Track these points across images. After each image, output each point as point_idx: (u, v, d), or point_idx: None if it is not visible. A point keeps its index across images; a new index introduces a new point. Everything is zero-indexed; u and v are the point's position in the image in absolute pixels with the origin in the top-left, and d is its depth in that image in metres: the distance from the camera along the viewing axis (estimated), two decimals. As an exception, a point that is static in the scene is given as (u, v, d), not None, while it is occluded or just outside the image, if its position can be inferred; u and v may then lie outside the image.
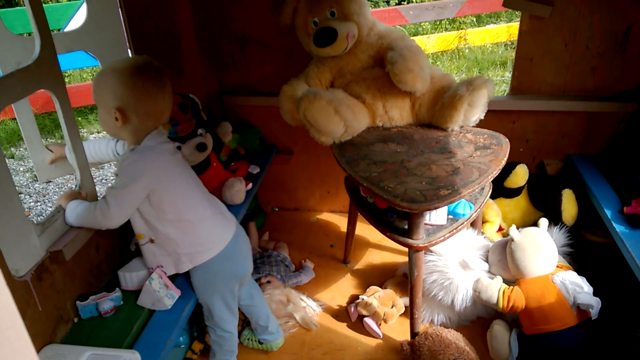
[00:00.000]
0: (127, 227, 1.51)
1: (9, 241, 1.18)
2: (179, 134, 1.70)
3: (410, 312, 1.76)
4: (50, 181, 3.44)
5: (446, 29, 5.99)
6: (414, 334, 1.75)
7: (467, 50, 5.45)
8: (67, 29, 3.85)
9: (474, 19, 6.13)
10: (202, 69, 2.35)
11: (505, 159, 1.73)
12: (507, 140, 1.83)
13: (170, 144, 1.43)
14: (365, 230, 2.41)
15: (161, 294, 1.44)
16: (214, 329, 1.58)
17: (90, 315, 1.43)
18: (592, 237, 2.14)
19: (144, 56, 1.36)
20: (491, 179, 1.65)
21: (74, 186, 1.50)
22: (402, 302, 1.92)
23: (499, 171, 1.67)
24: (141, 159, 1.32)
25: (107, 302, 1.43)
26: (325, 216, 2.67)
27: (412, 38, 2.03)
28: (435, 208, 1.52)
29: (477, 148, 1.79)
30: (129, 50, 1.85)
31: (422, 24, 5.94)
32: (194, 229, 1.41)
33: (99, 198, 1.48)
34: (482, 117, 1.92)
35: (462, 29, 5.81)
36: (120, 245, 1.65)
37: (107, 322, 1.42)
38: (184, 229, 1.40)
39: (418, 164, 1.71)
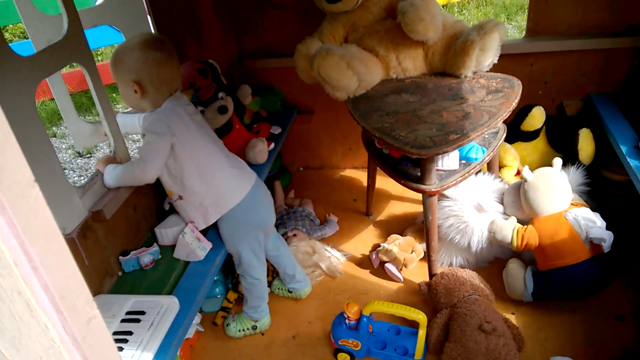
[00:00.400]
0: (160, 188, 1.65)
1: (55, 204, 1.33)
2: (201, 99, 1.81)
3: (427, 255, 1.85)
4: (90, 155, 3.66)
5: (471, -26, 5.78)
6: (431, 275, 1.85)
7: (493, -5, 5.27)
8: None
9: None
10: (221, 35, 2.43)
11: (517, 100, 1.75)
12: (519, 82, 1.85)
13: (190, 107, 1.58)
14: (386, 183, 2.48)
15: (194, 246, 1.58)
16: (244, 276, 1.72)
17: (133, 268, 1.59)
18: (610, 175, 2.15)
19: (149, 32, 1.56)
20: (501, 121, 1.68)
21: (109, 152, 1.64)
22: (422, 247, 2.01)
23: (509, 113, 1.70)
24: (160, 116, 1.49)
25: (147, 256, 1.58)
26: (348, 172, 2.75)
27: None
28: (444, 152, 1.58)
29: (489, 92, 1.82)
30: (150, 21, 1.94)
31: (445, -29, 5.74)
32: (214, 180, 1.57)
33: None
34: (496, 61, 1.93)
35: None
36: (155, 206, 1.80)
37: (147, 274, 1.57)
38: (205, 181, 1.56)
39: (430, 111, 1.76)
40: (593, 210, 1.79)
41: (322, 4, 1.99)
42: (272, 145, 2.12)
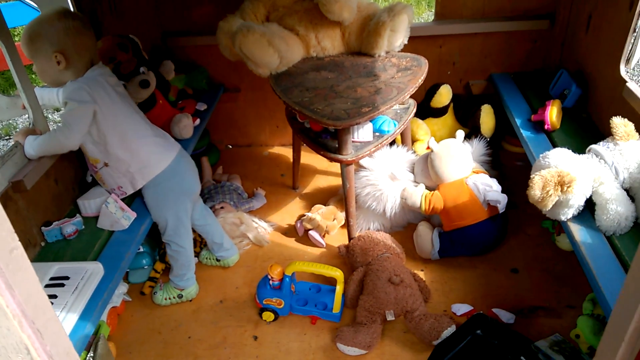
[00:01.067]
0: (82, 161, 1.67)
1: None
2: (122, 72, 1.83)
3: (346, 220, 2.00)
4: (9, 137, 3.51)
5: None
6: (350, 238, 1.99)
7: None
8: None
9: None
10: (144, 12, 2.42)
11: (423, 77, 1.92)
12: (426, 61, 2.02)
13: (113, 78, 1.62)
14: (312, 159, 2.61)
15: (118, 216, 1.62)
16: (169, 244, 1.78)
17: (56, 239, 1.60)
18: (510, 147, 2.40)
19: (60, 6, 1.54)
20: (408, 96, 1.84)
21: (28, 124, 1.64)
22: (342, 215, 2.15)
23: (416, 89, 1.87)
24: (82, 84, 1.52)
25: (70, 226, 1.61)
26: (276, 150, 2.85)
27: None
28: (357, 124, 1.72)
29: (399, 70, 1.97)
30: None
31: (371, -41, 5.93)
32: (138, 148, 1.62)
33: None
34: (406, 42, 2.09)
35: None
36: (78, 178, 1.81)
37: (71, 244, 1.60)
38: (129, 148, 1.60)
39: (346, 87, 1.89)
40: (493, 177, 2.00)
41: (243, -17, 2.06)
42: (198, 121, 2.18)
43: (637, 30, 1.79)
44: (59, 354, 0.76)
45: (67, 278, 1.41)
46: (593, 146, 1.64)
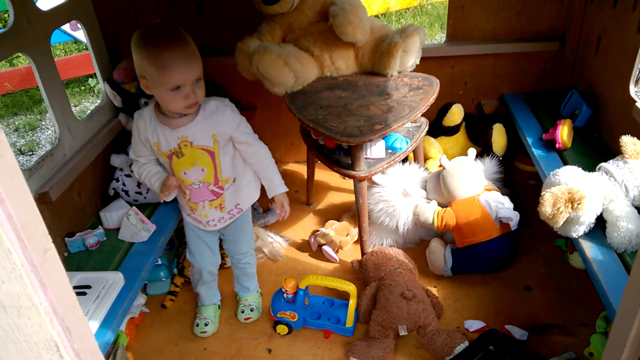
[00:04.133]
0: (104, 174, 1.73)
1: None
2: (145, 90, 1.90)
3: (359, 236, 2.03)
4: (32, 152, 3.62)
5: (409, -14, 6.11)
6: (363, 254, 2.02)
7: (429, 7, 5.61)
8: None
9: (437, -25, 6.25)
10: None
11: (435, 96, 1.97)
12: (437, 80, 2.06)
13: None
14: (326, 176, 2.66)
15: (138, 228, 1.68)
16: (249, 260, 1.88)
17: (78, 249, 1.67)
18: (523, 166, 2.42)
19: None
20: (420, 114, 1.89)
21: (54, 138, 1.71)
22: (356, 231, 2.18)
23: (428, 107, 1.91)
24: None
25: (92, 237, 1.67)
26: (291, 166, 2.90)
27: None
28: (370, 140, 1.77)
29: (411, 89, 2.02)
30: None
31: (385, -17, 6.05)
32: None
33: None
34: (418, 62, 2.15)
35: (424, -15, 5.94)
36: (100, 191, 1.88)
37: (93, 254, 1.66)
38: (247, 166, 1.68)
39: (359, 105, 1.94)
40: (505, 195, 2.02)
41: (259, 6, 2.14)
42: (215, 138, 2.24)
43: (646, 51, 1.82)
44: (85, 352, 0.80)
45: (89, 287, 1.46)
46: (603, 164, 1.66)
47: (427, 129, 2.14)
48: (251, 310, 1.87)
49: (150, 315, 1.93)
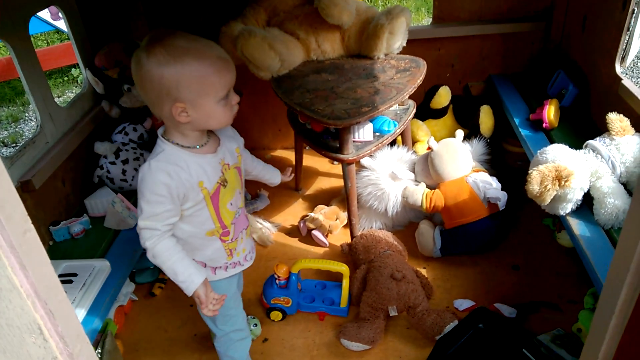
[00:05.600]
0: (88, 162, 1.70)
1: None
2: (128, 75, 1.87)
3: (348, 219, 2.02)
4: (15, 144, 3.56)
5: (395, -29, 6.07)
6: (352, 237, 2.02)
7: (415, -10, 5.58)
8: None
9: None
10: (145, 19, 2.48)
11: (422, 78, 1.96)
12: (424, 62, 2.05)
13: None
14: (314, 161, 2.64)
15: (124, 215, 1.65)
16: None
17: (63, 238, 1.64)
18: (510, 148, 2.42)
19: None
20: (407, 96, 1.88)
21: (36, 126, 1.68)
22: (345, 215, 2.18)
23: (415, 89, 1.90)
24: None
25: (77, 226, 1.64)
26: (279, 153, 2.88)
27: None
28: (357, 123, 1.75)
29: (398, 71, 2.01)
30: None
31: (371, -32, 6.00)
32: None
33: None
34: (404, 44, 2.13)
35: (410, -31, 5.90)
36: (84, 179, 1.85)
37: (78, 243, 1.63)
38: None
39: (346, 88, 1.93)
40: (492, 176, 2.03)
41: (244, -11, 2.11)
42: (202, 124, 2.21)
43: (630, 29, 1.82)
44: (70, 336, 0.78)
45: (75, 275, 1.44)
46: (590, 141, 1.66)
47: (414, 111, 2.13)
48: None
49: (139, 303, 1.91)
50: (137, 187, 1.13)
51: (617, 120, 1.62)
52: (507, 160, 2.44)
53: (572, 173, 1.50)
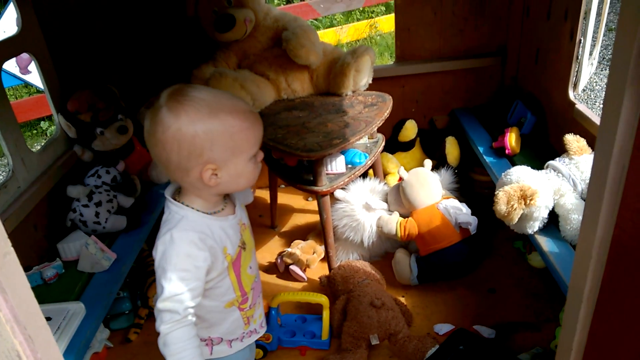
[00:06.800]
0: (60, 205, 1.68)
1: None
2: (101, 119, 1.89)
3: (325, 252, 2.04)
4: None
5: (358, 19, 6.36)
6: (330, 269, 2.02)
7: (378, 37, 5.84)
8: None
9: (384, 7, 6.54)
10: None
11: (389, 111, 2.04)
12: (390, 97, 2.15)
13: None
14: (289, 199, 2.67)
15: (98, 257, 1.63)
16: None
17: (36, 283, 1.60)
18: (476, 176, 2.51)
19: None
20: (375, 128, 1.95)
21: (8, 170, 1.67)
22: (322, 249, 2.19)
23: (383, 121, 1.98)
24: None
25: (50, 270, 1.61)
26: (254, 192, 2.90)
27: (325, 30, 2.31)
28: (329, 154, 1.81)
29: (365, 106, 2.09)
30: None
31: (335, 16, 6.29)
32: None
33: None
34: (370, 82, 2.23)
35: (372, 17, 6.20)
36: (56, 223, 1.82)
37: (51, 287, 1.59)
38: None
39: (317, 123, 1.99)
40: (461, 203, 2.09)
41: (213, 34, 2.19)
42: (175, 166, 2.23)
43: (579, 57, 1.96)
44: (49, 364, 0.77)
45: (49, 319, 1.40)
46: (550, 162, 1.75)
47: (384, 144, 2.20)
48: None
49: (115, 350, 1.85)
50: (157, 264, 1.01)
51: (574, 141, 1.72)
52: (474, 188, 2.52)
53: (536, 192, 1.58)
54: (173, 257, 0.99)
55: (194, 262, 1.00)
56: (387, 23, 5.98)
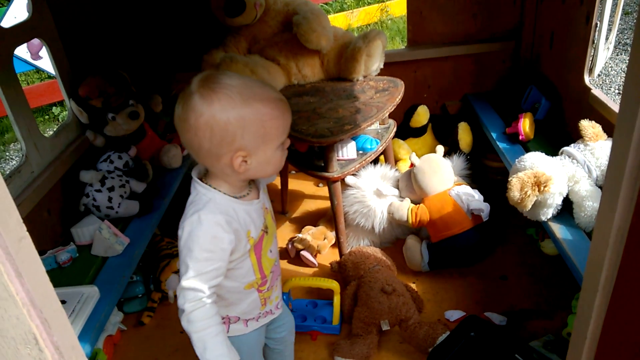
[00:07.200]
0: (74, 190, 1.70)
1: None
2: (112, 104, 1.90)
3: (336, 238, 2.04)
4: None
5: (369, 3, 6.28)
6: (341, 255, 2.03)
7: (389, 22, 5.77)
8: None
9: (395, -9, 6.46)
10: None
11: (400, 96, 2.02)
12: (402, 82, 2.12)
13: None
14: (300, 185, 2.67)
15: (112, 241, 1.65)
16: None
17: (50, 267, 1.62)
18: (490, 163, 2.49)
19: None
20: (387, 114, 1.93)
21: (21, 155, 1.68)
22: (333, 235, 2.19)
23: (395, 107, 1.96)
24: None
25: (64, 254, 1.63)
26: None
27: (336, 14, 2.29)
28: (341, 140, 1.80)
29: (377, 91, 2.07)
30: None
31: (345, 0, 6.22)
32: None
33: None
34: (382, 66, 2.20)
35: (383, 1, 6.12)
36: (70, 208, 1.84)
37: (66, 271, 1.61)
38: None
39: (328, 109, 1.98)
40: (473, 189, 2.07)
41: (223, 19, 2.17)
42: (186, 151, 2.23)
43: (595, 42, 1.92)
44: (65, 346, 0.78)
45: (63, 302, 1.42)
46: (565, 148, 1.73)
47: (395, 130, 2.18)
48: None
49: (128, 333, 1.88)
50: (182, 243, 1.02)
51: (589, 127, 1.69)
52: (487, 175, 2.50)
53: (550, 178, 1.56)
54: (200, 237, 1.01)
55: (220, 243, 1.02)
56: (398, 7, 5.90)
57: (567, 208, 1.67)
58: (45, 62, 4.24)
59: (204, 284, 1.02)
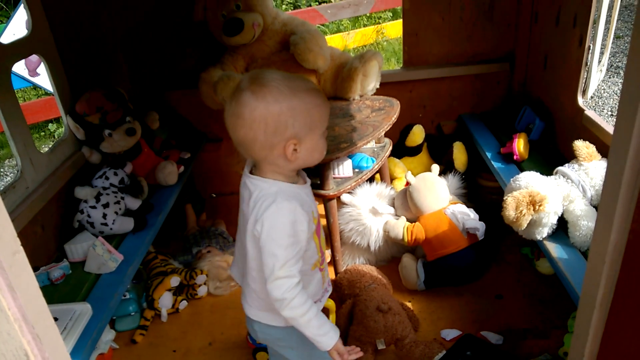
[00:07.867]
0: (68, 206, 1.69)
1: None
2: (108, 121, 1.90)
3: (332, 256, 2.03)
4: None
5: (364, 25, 6.38)
6: (337, 273, 2.02)
7: (385, 43, 5.84)
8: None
9: (390, 13, 6.56)
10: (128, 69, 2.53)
11: (396, 115, 2.04)
12: (397, 101, 2.14)
13: None
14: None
15: (105, 258, 1.63)
16: None
17: (43, 284, 1.60)
18: (483, 182, 2.50)
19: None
20: (383, 132, 1.95)
21: (16, 171, 1.67)
22: (328, 252, 2.18)
23: (390, 126, 1.97)
24: None
25: (57, 271, 1.61)
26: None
27: (332, 35, 2.32)
28: (337, 158, 1.80)
29: (373, 110, 2.09)
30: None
31: (342, 22, 6.30)
32: None
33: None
34: (378, 86, 2.23)
35: (379, 23, 6.21)
36: (64, 224, 1.82)
37: (58, 288, 1.59)
38: None
39: (324, 127, 1.99)
40: (469, 208, 2.08)
41: (221, 38, 2.20)
42: (182, 168, 2.23)
43: (588, 64, 1.95)
44: (57, 364, 0.76)
45: (56, 319, 1.39)
46: (559, 168, 1.74)
47: (391, 148, 2.20)
48: None
49: (120, 352, 1.85)
50: (265, 237, 1.06)
51: (583, 147, 1.70)
52: (482, 194, 2.51)
53: (545, 197, 1.56)
54: (281, 225, 1.06)
55: (300, 227, 1.08)
56: (393, 29, 5.99)
57: (561, 227, 1.67)
58: (43, 79, 4.26)
59: (294, 269, 1.08)
